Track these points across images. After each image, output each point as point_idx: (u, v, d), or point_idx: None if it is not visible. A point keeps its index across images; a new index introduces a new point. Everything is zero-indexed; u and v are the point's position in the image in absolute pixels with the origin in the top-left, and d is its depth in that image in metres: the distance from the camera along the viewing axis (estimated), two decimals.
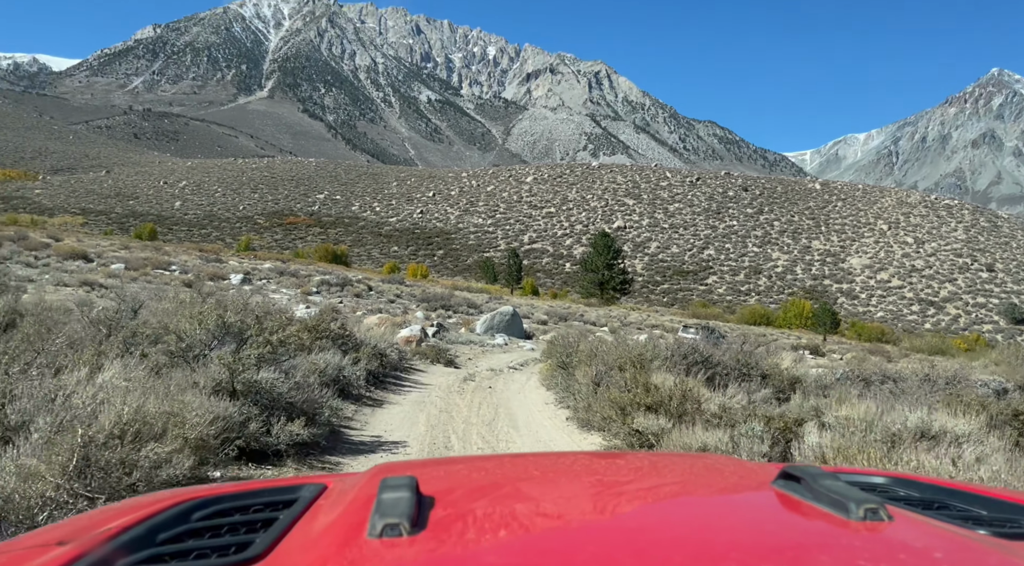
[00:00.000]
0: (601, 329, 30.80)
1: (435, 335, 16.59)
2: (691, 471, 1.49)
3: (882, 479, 1.48)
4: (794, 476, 1.19)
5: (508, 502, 1.17)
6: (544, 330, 24.92)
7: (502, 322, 20.63)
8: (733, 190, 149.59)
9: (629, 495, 1.23)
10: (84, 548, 0.96)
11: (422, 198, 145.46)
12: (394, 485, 1.04)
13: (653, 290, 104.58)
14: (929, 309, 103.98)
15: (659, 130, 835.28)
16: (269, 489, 1.34)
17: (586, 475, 1.40)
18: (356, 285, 33.94)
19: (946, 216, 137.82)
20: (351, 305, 24.60)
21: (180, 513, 1.16)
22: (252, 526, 1.12)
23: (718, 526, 1.04)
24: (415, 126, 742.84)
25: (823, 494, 1.07)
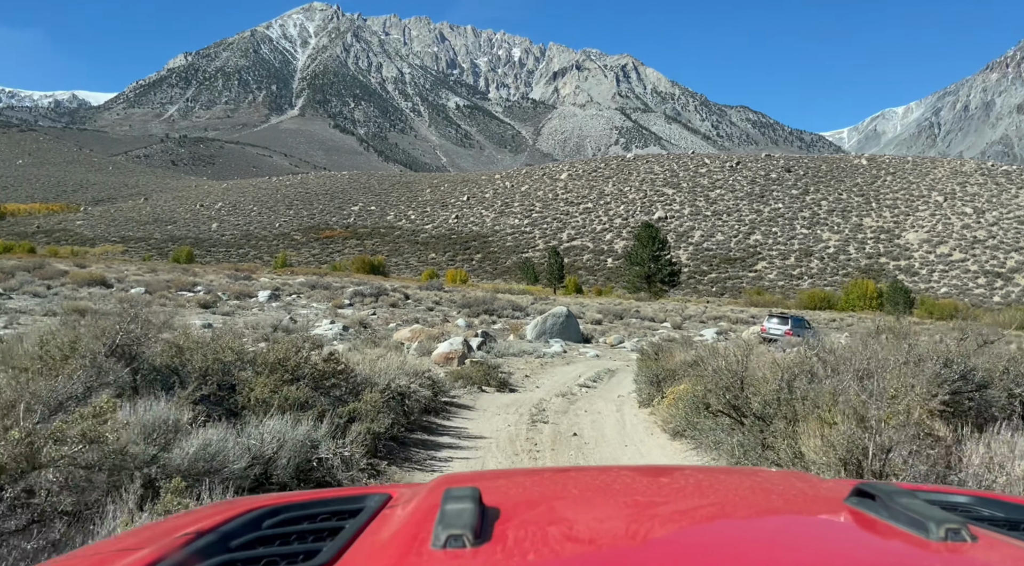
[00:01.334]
0: (662, 325, 27.98)
1: (480, 347, 14.32)
2: (761, 488, 1.43)
3: (964, 498, 1.41)
4: (869, 494, 1.14)
5: (573, 515, 1.15)
6: (601, 330, 22.24)
7: (556, 325, 18.06)
8: (776, 172, 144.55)
9: (698, 512, 1.20)
10: (161, 553, 0.98)
11: (456, 203, 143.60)
12: (458, 496, 1.04)
13: (700, 280, 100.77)
14: (996, 281, 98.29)
15: (691, 119, 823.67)
16: (336, 498, 1.35)
17: (655, 490, 1.37)
18: (392, 294, 31.66)
19: (1005, 183, 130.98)
20: (385, 316, 22.23)
21: (251, 520, 1.18)
22: (320, 534, 1.13)
23: (788, 545, 1.01)
24: (445, 133, 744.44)
25: (900, 513, 1.03)
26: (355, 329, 15.51)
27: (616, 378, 12.70)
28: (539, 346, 16.73)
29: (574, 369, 13.96)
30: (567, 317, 18.52)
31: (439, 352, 12.26)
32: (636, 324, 26.05)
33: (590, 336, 19.37)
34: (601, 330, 22.05)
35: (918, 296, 66.53)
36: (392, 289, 34.32)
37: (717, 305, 51.15)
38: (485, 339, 15.43)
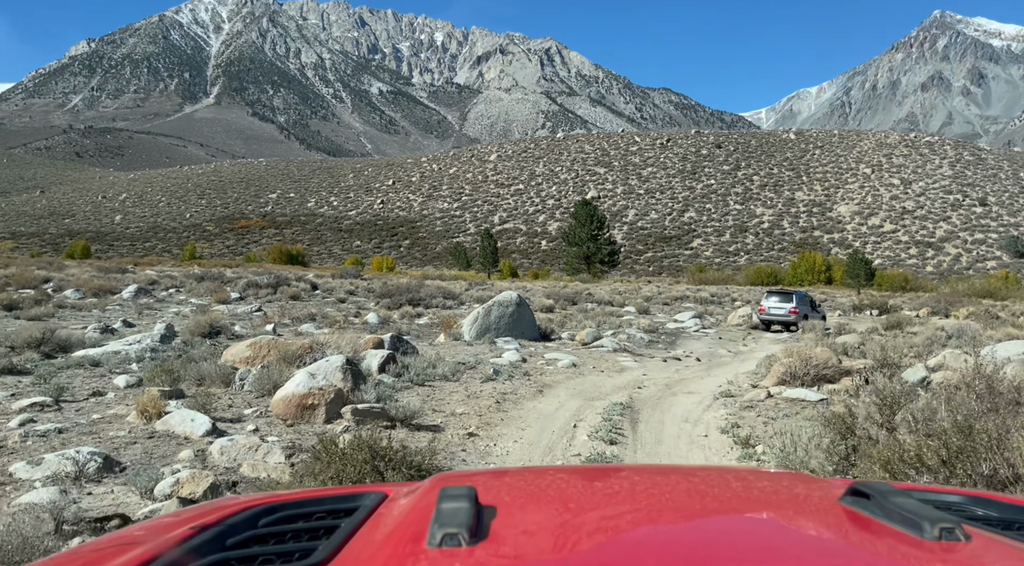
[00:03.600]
0: (625, 310, 23.35)
1: (386, 367, 8.81)
2: (756, 487, 1.44)
3: (957, 497, 1.41)
4: (863, 493, 1.15)
5: (568, 514, 1.15)
6: (558, 321, 17.42)
7: (503, 317, 13.16)
8: (706, 148, 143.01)
9: (690, 511, 1.21)
10: (157, 550, 0.98)
11: (381, 188, 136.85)
12: (453, 495, 1.03)
13: (637, 260, 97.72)
14: (927, 251, 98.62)
15: (615, 102, 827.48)
16: (332, 497, 1.35)
17: (648, 490, 1.37)
18: (295, 284, 26.03)
19: (929, 154, 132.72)
20: (273, 312, 16.81)
21: (247, 519, 1.17)
22: (315, 533, 1.13)
23: (782, 542, 1.02)
24: (369, 120, 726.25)
25: (894, 512, 1.03)
26: (188, 339, 10.24)
27: (649, 427, 7.11)
28: (483, 353, 11.53)
29: (553, 404, 8.26)
30: (518, 305, 13.52)
31: (286, 396, 6.40)
32: (596, 311, 21.40)
33: (548, 330, 14.64)
34: (558, 321, 17.26)
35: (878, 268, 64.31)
36: (297, 278, 28.67)
37: (668, 284, 47.18)
38: (397, 348, 9.80)
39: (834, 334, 16.02)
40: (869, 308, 28.97)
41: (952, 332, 13.98)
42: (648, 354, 13.31)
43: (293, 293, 23.71)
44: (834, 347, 10.87)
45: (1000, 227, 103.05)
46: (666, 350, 14.19)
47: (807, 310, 21.87)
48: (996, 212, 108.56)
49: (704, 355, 13.61)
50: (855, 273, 45.98)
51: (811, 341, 12.33)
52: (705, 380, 10.45)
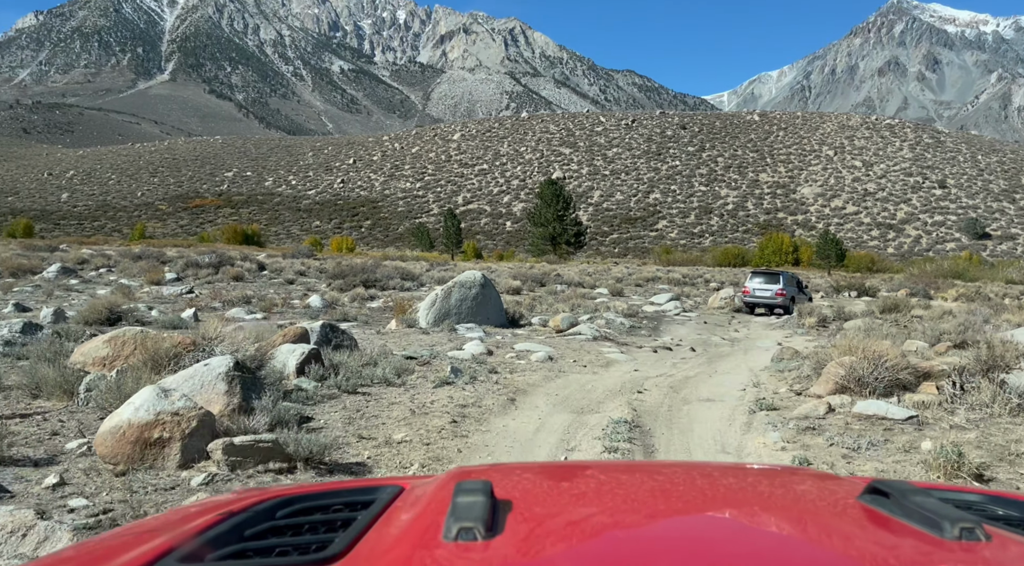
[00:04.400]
0: (598, 292, 21.81)
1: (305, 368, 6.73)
2: (773, 484, 1.43)
3: (977, 497, 1.39)
4: (882, 491, 1.14)
5: (584, 509, 1.15)
6: (527, 304, 15.76)
7: (466, 300, 11.42)
8: (671, 129, 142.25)
9: (707, 507, 1.21)
10: (175, 542, 0.98)
11: (342, 166, 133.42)
12: (469, 489, 1.03)
13: (603, 241, 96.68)
14: (889, 232, 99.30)
15: (579, 83, 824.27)
16: (349, 490, 1.35)
17: (665, 486, 1.37)
18: (240, 264, 23.96)
19: (889, 136, 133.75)
20: (203, 295, 14.84)
21: (265, 510, 1.18)
22: (332, 525, 1.13)
23: (800, 541, 1.01)
24: (330, 98, 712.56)
25: (914, 511, 1.02)
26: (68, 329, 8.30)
27: None
28: (441, 343, 9.63)
29: (530, 421, 6.39)
30: (482, 287, 11.74)
31: (117, 426, 4.22)
32: (567, 293, 19.81)
33: (517, 315, 12.96)
34: (527, 304, 15.59)
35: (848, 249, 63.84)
36: (243, 258, 26.52)
37: (637, 265, 45.88)
38: (328, 340, 7.76)
39: (833, 318, 14.69)
40: (847, 289, 27.97)
41: (960, 316, 12.74)
42: (634, 343, 11.80)
43: (236, 273, 21.68)
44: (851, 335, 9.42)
45: (959, 209, 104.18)
46: (652, 337, 12.70)
47: (794, 292, 20.54)
48: (955, 194, 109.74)
49: (697, 344, 12.09)
50: (826, 254, 45.21)
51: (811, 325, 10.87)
52: (715, 378, 8.76)
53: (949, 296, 20.66)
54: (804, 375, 8.17)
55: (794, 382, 8.03)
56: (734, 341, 12.93)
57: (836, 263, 45.22)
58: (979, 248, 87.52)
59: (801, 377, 8.20)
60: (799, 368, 8.52)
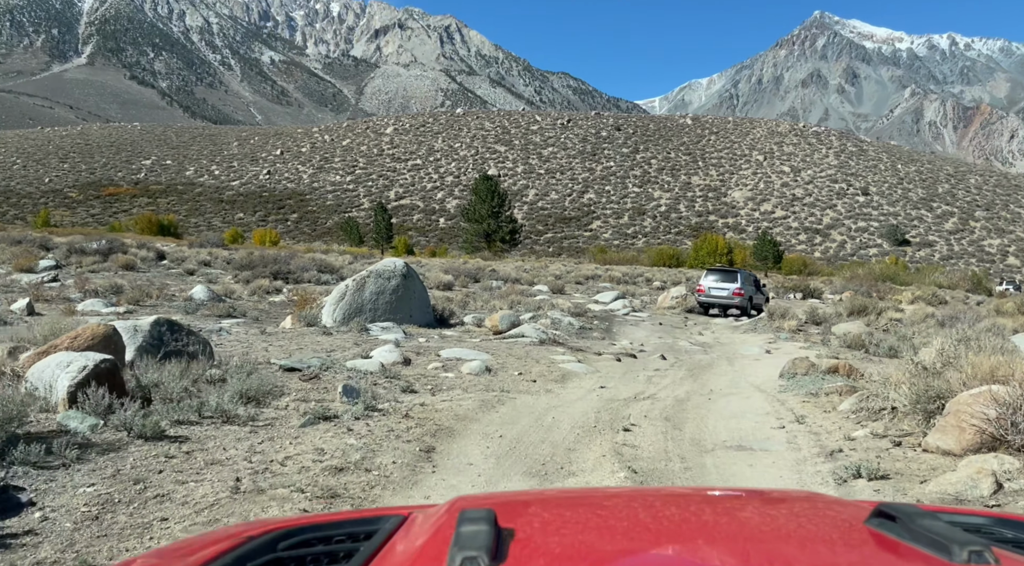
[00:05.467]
0: (537, 289, 19.91)
1: (85, 391, 4.18)
2: (777, 509, 1.41)
3: (985, 520, 1.37)
4: (889, 515, 1.12)
5: (589, 536, 1.15)
6: (460, 301, 13.69)
7: (384, 294, 9.29)
8: (606, 130, 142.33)
9: (711, 534, 1.20)
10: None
11: (268, 157, 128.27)
12: (473, 518, 1.02)
13: (537, 240, 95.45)
14: (816, 237, 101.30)
15: (514, 83, 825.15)
16: (351, 520, 1.35)
17: (667, 512, 1.35)
18: (134, 252, 21.09)
19: (816, 143, 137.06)
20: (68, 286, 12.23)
21: (266, 543, 1.17)
22: (335, 557, 1.12)
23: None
24: (260, 89, 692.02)
25: (922, 534, 1.01)
26: None
27: None
28: (343, 348, 7.57)
29: None
30: (404, 278, 9.63)
31: None
32: (503, 289, 17.83)
33: (446, 312, 10.94)
34: (459, 300, 13.53)
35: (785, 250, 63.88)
36: (139, 245, 23.56)
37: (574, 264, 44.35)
38: (159, 345, 5.31)
39: (806, 321, 13.18)
40: (791, 291, 27.01)
41: (945, 320, 11.39)
42: (589, 348, 9.93)
43: (127, 262, 18.90)
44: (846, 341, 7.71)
45: (881, 216, 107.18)
46: (607, 341, 10.87)
47: (752, 292, 19.10)
48: (877, 201, 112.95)
49: (663, 350, 10.26)
50: (763, 255, 44.75)
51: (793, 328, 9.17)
52: (718, 403, 6.61)
53: (904, 299, 19.73)
54: (876, 408, 5.61)
55: (863, 418, 5.55)
56: (705, 347, 11.25)
57: (773, 265, 44.85)
58: (899, 254, 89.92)
59: (871, 410, 5.65)
60: (845, 392, 6.33)
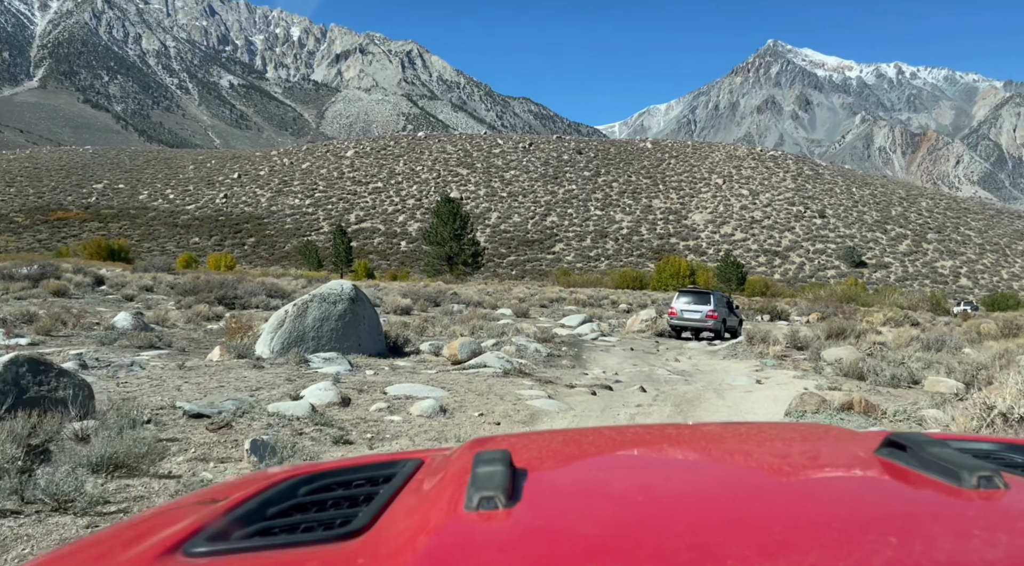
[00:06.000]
0: (500, 313, 18.96)
1: None
2: (790, 440, 1.44)
3: (995, 446, 1.39)
4: (899, 444, 1.14)
5: (601, 474, 1.17)
6: (417, 326, 12.70)
7: (327, 319, 8.21)
8: (568, 154, 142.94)
9: (724, 466, 1.23)
10: (204, 521, 1.00)
11: (225, 181, 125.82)
12: (488, 459, 1.04)
13: (500, 263, 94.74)
14: (775, 259, 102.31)
15: (476, 108, 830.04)
16: (369, 465, 1.37)
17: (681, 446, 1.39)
18: (68, 277, 19.65)
19: (774, 167, 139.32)
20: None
21: (287, 488, 1.20)
22: (354, 500, 1.15)
23: (818, 495, 1.02)
24: (218, 113, 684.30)
25: (932, 462, 1.02)
26: None
27: None
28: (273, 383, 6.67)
29: None
30: (352, 302, 8.56)
31: None
32: (465, 314, 16.86)
33: (401, 340, 9.95)
34: (416, 326, 12.51)
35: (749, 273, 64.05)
36: (76, 270, 22.05)
37: (538, 286, 43.54)
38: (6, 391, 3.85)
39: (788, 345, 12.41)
40: (759, 313, 26.54)
41: (931, 342, 10.74)
42: (559, 379, 9.00)
43: (58, 287, 17.49)
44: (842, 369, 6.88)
45: (837, 238, 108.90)
46: (578, 369, 9.93)
47: (725, 314, 18.40)
48: (833, 224, 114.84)
49: (644, 380, 9.24)
50: (727, 277, 44.53)
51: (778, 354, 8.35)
52: None
53: (875, 321, 19.23)
54: None
55: None
56: (686, 376, 10.31)
57: (737, 286, 44.67)
58: (857, 275, 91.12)
59: None
60: None
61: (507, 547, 0.79)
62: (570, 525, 0.87)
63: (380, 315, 11.45)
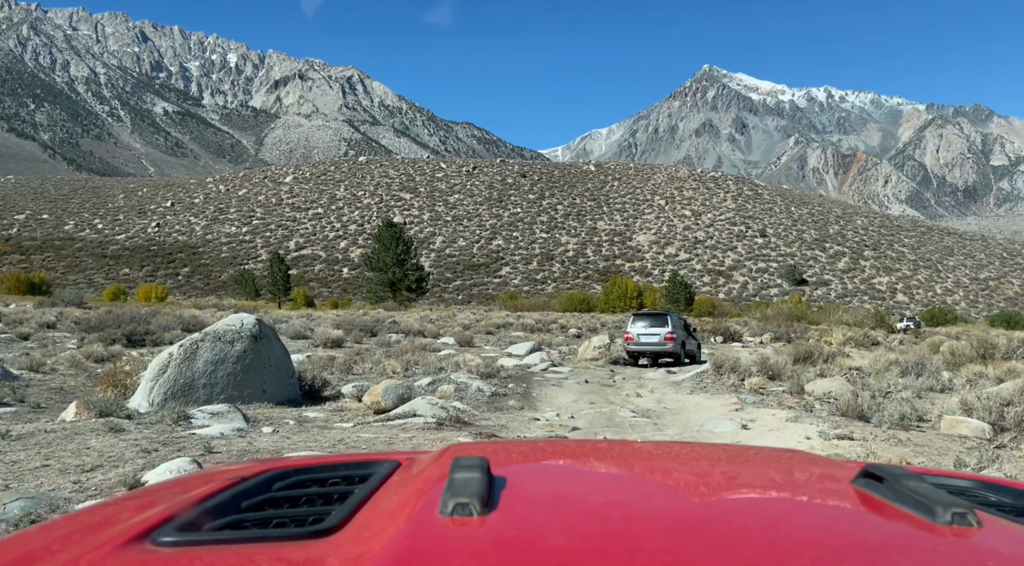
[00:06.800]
0: (442, 342, 17.49)
1: None
2: (767, 465, 1.43)
3: (969, 483, 1.40)
4: (876, 475, 1.14)
5: (579, 486, 1.16)
6: (343, 362, 11.14)
7: (223, 362, 6.66)
8: (512, 177, 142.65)
9: (701, 486, 1.21)
10: (174, 510, 0.99)
11: (158, 209, 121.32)
12: (466, 465, 1.03)
13: (446, 288, 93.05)
14: (719, 279, 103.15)
15: (419, 133, 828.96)
16: (346, 463, 1.35)
17: (659, 464, 1.38)
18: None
19: (714, 188, 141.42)
20: None
21: (262, 482, 1.19)
22: (329, 498, 1.14)
23: (793, 522, 1.01)
24: (152, 141, 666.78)
25: (907, 495, 1.02)
26: None
27: None
28: (119, 457, 4.92)
29: None
30: (255, 340, 6.98)
31: None
32: (403, 345, 15.31)
33: (319, 382, 8.44)
34: (343, 362, 10.95)
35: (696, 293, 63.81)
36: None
37: (485, 311, 42.13)
38: None
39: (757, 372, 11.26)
40: (712, 334, 25.74)
41: (911, 367, 9.76)
42: (505, 428, 7.58)
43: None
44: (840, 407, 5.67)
45: (779, 257, 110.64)
46: (527, 410, 8.52)
47: (684, 336, 17.31)
48: (774, 243, 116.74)
49: (605, 425, 7.69)
50: (675, 297, 43.97)
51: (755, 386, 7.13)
52: None
53: (834, 341, 18.48)
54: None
55: None
56: (653, 417, 8.86)
57: (686, 306, 44.14)
58: (799, 293, 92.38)
59: None
60: None
61: (479, 555, 0.79)
62: (544, 537, 0.86)
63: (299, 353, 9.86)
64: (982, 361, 12.51)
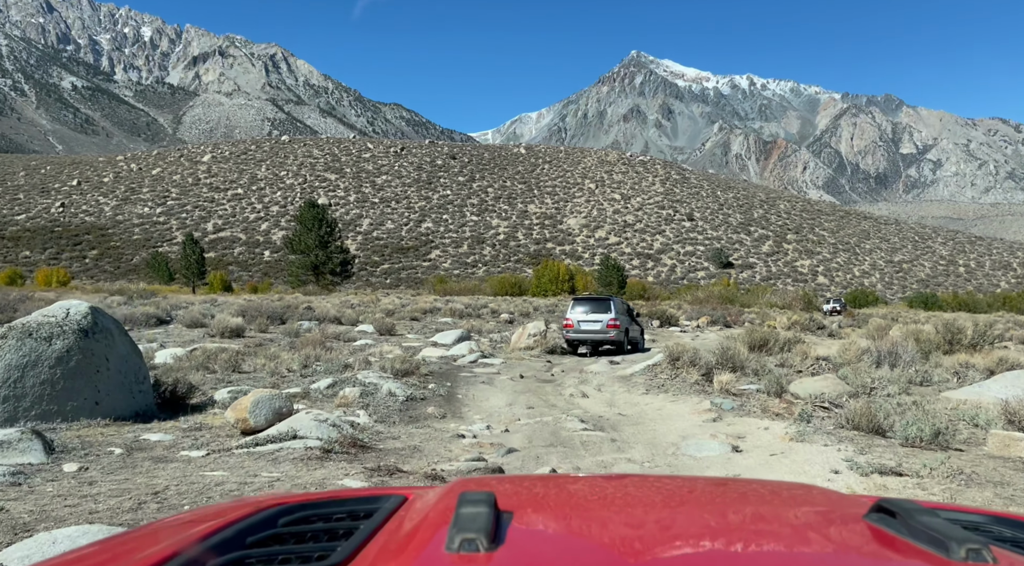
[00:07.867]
0: (360, 330, 15.69)
1: None
2: (777, 500, 1.42)
3: (984, 518, 1.38)
4: (889, 510, 1.12)
5: (587, 523, 1.16)
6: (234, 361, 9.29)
7: (36, 366, 4.89)
8: (441, 159, 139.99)
9: (710, 523, 1.20)
10: (178, 547, 0.98)
11: (63, 189, 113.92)
12: (473, 500, 1.02)
13: (373, 272, 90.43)
14: (648, 262, 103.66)
15: (346, 114, 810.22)
16: (352, 499, 1.35)
17: (667, 500, 1.37)
18: None
19: (643, 172, 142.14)
20: None
21: (267, 518, 1.18)
22: (334, 534, 1.13)
23: (805, 560, 1.00)
24: (60, 117, 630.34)
25: (921, 531, 1.01)
26: None
27: None
28: None
29: None
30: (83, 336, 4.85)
31: None
32: (312, 335, 13.45)
33: (184, 387, 6.63)
34: (228, 360, 9.08)
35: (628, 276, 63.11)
36: None
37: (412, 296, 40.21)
38: None
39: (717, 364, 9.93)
40: (649, 318, 24.76)
41: (883, 355, 8.65)
42: (415, 455, 5.66)
43: None
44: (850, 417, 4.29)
45: (706, 240, 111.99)
46: (450, 421, 6.87)
47: (627, 323, 16.01)
48: (701, 227, 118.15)
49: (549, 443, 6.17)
50: (608, 281, 43.09)
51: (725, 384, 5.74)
52: None
53: (779, 324, 17.54)
54: None
55: None
56: (609, 429, 7.20)
57: (619, 290, 43.34)
58: (725, 275, 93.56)
59: None
60: None
61: None
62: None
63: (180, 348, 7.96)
64: (951, 348, 11.74)
